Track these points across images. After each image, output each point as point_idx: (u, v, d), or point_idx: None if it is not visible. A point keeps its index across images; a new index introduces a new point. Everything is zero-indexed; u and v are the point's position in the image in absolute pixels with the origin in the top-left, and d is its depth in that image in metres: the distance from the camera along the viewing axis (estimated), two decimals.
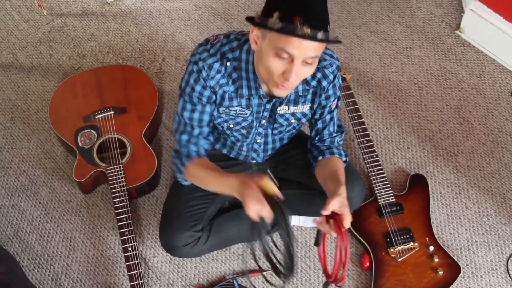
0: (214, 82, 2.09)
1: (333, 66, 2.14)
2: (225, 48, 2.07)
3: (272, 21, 1.80)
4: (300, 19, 1.77)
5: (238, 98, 2.14)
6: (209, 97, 2.14)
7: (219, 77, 2.08)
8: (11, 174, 2.90)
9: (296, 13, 1.77)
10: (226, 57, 2.07)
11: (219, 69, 2.07)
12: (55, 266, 2.67)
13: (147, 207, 2.79)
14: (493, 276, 2.59)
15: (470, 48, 3.22)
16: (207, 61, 2.06)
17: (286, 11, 1.79)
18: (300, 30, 1.77)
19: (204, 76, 2.08)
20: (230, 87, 2.11)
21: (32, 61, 3.27)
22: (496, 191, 2.79)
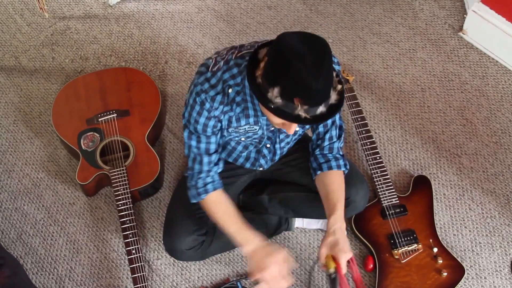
0: (218, 112, 2.07)
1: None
2: (226, 75, 2.03)
3: (271, 95, 1.79)
4: (300, 100, 1.77)
5: (245, 118, 2.13)
6: (214, 126, 2.13)
7: (222, 107, 2.07)
8: (14, 177, 2.90)
9: (297, 94, 1.77)
10: (227, 84, 2.03)
11: (222, 100, 2.05)
12: (59, 269, 2.66)
13: (150, 209, 2.78)
14: (497, 277, 2.58)
15: (473, 49, 3.22)
16: (210, 93, 2.03)
17: (286, 89, 1.78)
18: (300, 111, 1.78)
19: (207, 108, 2.06)
20: (236, 109, 2.09)
21: (35, 64, 3.27)
22: (499, 192, 2.78)
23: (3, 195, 2.85)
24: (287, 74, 1.75)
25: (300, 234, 2.69)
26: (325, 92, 1.81)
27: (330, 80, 1.81)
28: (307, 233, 2.70)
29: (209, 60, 2.09)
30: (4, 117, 3.08)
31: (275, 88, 1.78)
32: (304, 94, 1.76)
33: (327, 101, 1.82)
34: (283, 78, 1.77)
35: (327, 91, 1.81)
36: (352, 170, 2.43)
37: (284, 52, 1.76)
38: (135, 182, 2.66)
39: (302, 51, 1.74)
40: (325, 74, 1.75)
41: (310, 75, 1.73)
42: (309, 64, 1.73)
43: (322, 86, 1.76)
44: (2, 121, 3.06)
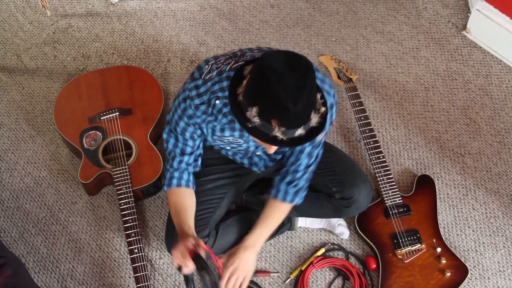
0: (200, 120, 2.09)
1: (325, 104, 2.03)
2: (215, 87, 2.02)
3: (250, 114, 1.79)
4: (278, 122, 1.75)
5: (230, 130, 2.13)
6: (193, 132, 2.15)
7: (205, 116, 2.08)
8: (16, 176, 2.89)
9: (275, 116, 1.75)
10: (216, 96, 2.03)
11: (206, 111, 2.06)
12: (61, 268, 2.66)
13: (153, 208, 2.78)
14: (501, 277, 2.57)
15: (476, 48, 3.21)
16: (195, 101, 2.05)
17: (264, 110, 1.76)
18: (277, 132, 1.76)
19: (189, 115, 2.08)
20: (222, 120, 2.08)
21: (37, 62, 3.26)
22: (503, 192, 2.77)
23: (4, 193, 2.85)
24: (266, 95, 1.74)
25: (303, 233, 2.69)
26: (304, 115, 1.78)
27: (311, 103, 1.79)
28: (310, 232, 2.69)
29: (206, 66, 2.07)
30: (6, 115, 3.07)
31: (254, 108, 1.77)
32: (282, 116, 1.74)
33: (307, 124, 1.80)
34: (261, 99, 1.76)
35: (306, 114, 1.79)
36: (355, 169, 2.43)
37: (265, 71, 1.74)
38: (137, 181, 2.65)
39: (283, 72, 1.72)
40: (305, 98, 1.73)
41: (289, 97, 1.71)
42: (288, 87, 1.71)
43: (300, 109, 1.74)
44: (4, 120, 3.06)
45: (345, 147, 2.90)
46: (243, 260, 2.21)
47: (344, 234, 2.63)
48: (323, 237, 2.67)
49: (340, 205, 2.40)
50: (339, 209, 2.42)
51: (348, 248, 2.64)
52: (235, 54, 2.09)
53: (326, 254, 2.63)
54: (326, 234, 2.68)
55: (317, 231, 2.69)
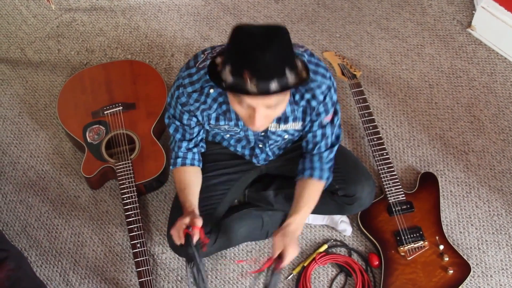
0: (193, 108, 2.11)
1: (322, 87, 2.06)
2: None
3: (225, 74, 1.80)
4: (249, 74, 1.74)
5: (226, 120, 2.14)
6: (189, 119, 2.17)
7: (198, 104, 2.09)
8: (19, 169, 2.89)
9: (245, 68, 1.74)
10: (210, 84, 2.04)
11: (198, 99, 2.08)
12: (63, 262, 2.66)
13: (155, 203, 2.78)
14: (503, 275, 2.57)
15: (481, 46, 3.20)
16: (187, 89, 2.07)
17: (235, 65, 1.77)
18: (249, 86, 1.75)
19: (182, 102, 2.11)
20: (217, 109, 2.10)
21: (40, 56, 3.26)
22: (506, 190, 2.77)
23: (7, 187, 2.85)
24: (236, 51, 1.76)
25: (305, 229, 2.68)
26: (276, 67, 1.76)
27: (283, 57, 1.78)
28: (312, 228, 2.69)
29: (202, 55, 2.09)
30: (9, 109, 3.07)
31: (227, 67, 1.79)
32: (251, 66, 1.74)
33: (282, 79, 1.78)
34: (232, 56, 1.78)
35: (278, 66, 1.77)
36: (358, 166, 2.42)
37: (238, 34, 1.77)
38: (140, 175, 2.65)
39: (253, 30, 1.76)
40: (274, 49, 1.73)
41: (257, 47, 1.72)
42: (256, 38, 1.73)
43: (270, 60, 1.73)
44: (7, 113, 3.06)
45: (348, 143, 2.89)
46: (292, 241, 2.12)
47: (346, 230, 2.63)
48: (325, 234, 2.67)
49: (343, 202, 2.39)
50: (342, 206, 2.42)
51: (350, 245, 2.64)
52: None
53: (328, 251, 2.63)
54: (328, 230, 2.68)
55: (320, 227, 2.69)
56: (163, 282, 2.59)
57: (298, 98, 2.08)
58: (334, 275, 2.59)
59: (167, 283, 2.59)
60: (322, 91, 2.06)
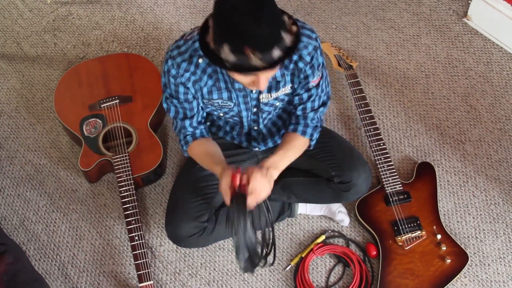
0: (184, 79, 2.10)
1: (308, 48, 2.08)
2: (197, 44, 2.04)
3: (224, 53, 1.79)
4: (250, 49, 1.75)
5: (217, 91, 2.14)
6: (185, 93, 2.16)
7: (188, 74, 2.09)
8: (16, 164, 2.89)
9: (245, 44, 1.75)
10: (198, 54, 2.04)
11: (187, 68, 2.08)
12: (62, 256, 2.66)
13: (153, 196, 2.78)
14: (501, 264, 2.58)
15: (477, 35, 3.20)
16: (176, 60, 2.08)
17: (234, 42, 1.77)
18: (255, 60, 1.76)
19: (173, 75, 2.10)
20: (208, 81, 2.11)
21: (37, 50, 3.25)
22: (503, 179, 2.77)
23: (5, 181, 2.85)
24: (230, 29, 1.75)
25: (303, 220, 2.69)
26: (273, 35, 1.78)
27: (277, 22, 1.79)
28: (310, 219, 2.69)
29: (189, 31, 2.13)
30: (6, 103, 3.07)
31: (225, 46, 1.78)
32: (251, 41, 1.74)
33: (281, 43, 1.80)
34: (227, 34, 1.77)
35: (275, 33, 1.78)
36: (353, 153, 2.43)
37: (222, 10, 1.76)
38: (137, 168, 2.65)
39: (237, 3, 1.74)
40: (266, 17, 1.74)
41: (251, 20, 1.72)
42: (245, 12, 1.72)
43: (267, 29, 1.74)
44: (4, 108, 3.06)
45: (345, 134, 2.89)
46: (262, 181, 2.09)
47: (344, 221, 2.63)
48: (323, 224, 2.67)
49: (339, 189, 2.40)
50: (339, 194, 2.42)
51: (348, 235, 2.65)
52: None
53: (326, 241, 2.63)
54: (326, 221, 2.68)
55: (317, 218, 2.69)
56: (162, 275, 2.60)
57: (287, 62, 2.09)
58: (332, 266, 2.59)
59: (165, 275, 2.60)
60: (309, 52, 2.08)
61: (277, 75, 2.12)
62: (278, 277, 2.57)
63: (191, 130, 2.28)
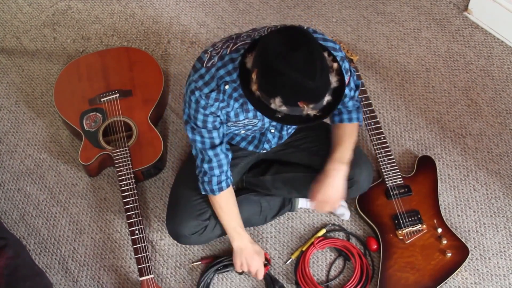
0: (214, 109, 2.06)
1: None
2: (221, 72, 2.00)
3: (275, 105, 1.77)
4: (305, 102, 1.74)
5: (244, 113, 2.12)
6: (213, 121, 2.11)
7: (218, 103, 2.04)
8: (16, 158, 2.89)
9: (300, 99, 1.74)
10: (224, 81, 2.00)
11: (217, 98, 2.03)
12: (62, 250, 2.66)
13: (153, 190, 2.78)
14: (501, 258, 2.58)
15: (478, 29, 3.19)
16: (204, 91, 2.02)
17: (288, 97, 1.75)
18: (307, 110, 1.77)
19: (203, 105, 2.05)
20: (234, 105, 2.07)
21: (36, 44, 3.25)
22: (504, 173, 2.77)
23: (5, 176, 2.84)
24: (283, 83, 1.73)
25: (303, 214, 2.69)
26: (326, 84, 1.78)
27: (327, 71, 1.78)
28: (310, 213, 2.69)
29: (205, 54, 2.06)
30: (6, 97, 3.06)
31: (276, 99, 1.76)
32: (306, 96, 1.74)
33: (330, 88, 1.80)
34: (280, 88, 1.74)
35: (327, 82, 1.78)
36: (355, 151, 2.42)
37: (271, 62, 1.72)
38: (138, 162, 2.65)
39: (288, 55, 1.71)
40: (319, 69, 1.72)
41: (306, 76, 1.70)
42: (300, 67, 1.70)
43: (320, 82, 1.73)
44: (4, 102, 3.05)
45: None
46: (330, 186, 2.25)
47: (345, 215, 2.63)
48: (324, 218, 2.67)
49: None
50: None
51: (349, 229, 2.64)
52: (231, 37, 2.08)
53: (327, 235, 2.63)
54: (326, 215, 2.68)
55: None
56: (162, 269, 2.60)
57: None
58: (332, 259, 2.59)
59: (166, 269, 2.60)
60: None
61: None
62: (278, 270, 2.57)
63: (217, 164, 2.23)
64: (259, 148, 2.43)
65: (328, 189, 2.24)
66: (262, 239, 2.64)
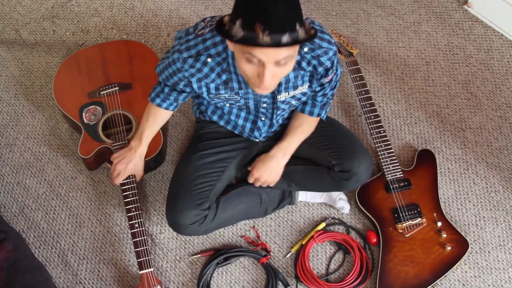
0: (188, 74, 2.11)
1: (329, 54, 2.10)
2: (207, 43, 2.04)
3: (235, 29, 1.77)
4: (261, 26, 1.72)
5: (226, 90, 2.15)
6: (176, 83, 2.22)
7: (193, 71, 2.09)
8: (15, 151, 2.89)
9: (257, 20, 1.72)
10: (208, 53, 2.04)
11: (193, 65, 2.08)
12: (61, 243, 2.66)
13: (153, 183, 2.77)
14: (501, 251, 2.58)
15: (478, 23, 3.19)
16: (183, 55, 2.08)
17: (247, 18, 1.74)
18: (262, 38, 1.73)
19: (178, 67, 2.12)
20: (217, 80, 2.11)
21: (36, 37, 3.24)
22: (504, 166, 2.77)
23: (4, 169, 2.84)
24: (246, 5, 1.74)
25: (303, 207, 2.69)
26: (287, 21, 1.75)
27: (294, 11, 1.76)
28: (310, 206, 2.69)
29: (202, 23, 2.12)
30: (5, 91, 3.06)
31: (237, 23, 1.76)
32: (263, 18, 1.71)
33: (293, 33, 1.76)
34: (243, 9, 1.75)
35: (289, 19, 1.75)
36: (354, 142, 2.43)
37: None
38: None
39: None
40: (286, 2, 1.72)
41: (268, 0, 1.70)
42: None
43: (281, 11, 1.71)
44: (3, 95, 3.04)
45: (346, 121, 2.89)
46: (269, 169, 2.40)
47: (344, 208, 2.63)
48: (323, 212, 2.67)
49: (340, 178, 2.39)
50: (339, 182, 2.42)
51: (348, 223, 2.65)
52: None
53: (326, 229, 2.63)
54: (326, 208, 2.68)
55: (318, 205, 2.69)
56: (162, 262, 2.60)
57: (305, 65, 2.11)
58: (332, 253, 2.59)
59: (166, 262, 2.60)
60: (329, 57, 2.11)
61: (291, 77, 2.13)
62: (278, 264, 2.57)
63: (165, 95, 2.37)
64: (251, 136, 2.47)
65: (266, 171, 2.41)
66: (262, 232, 2.64)
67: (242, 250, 2.58)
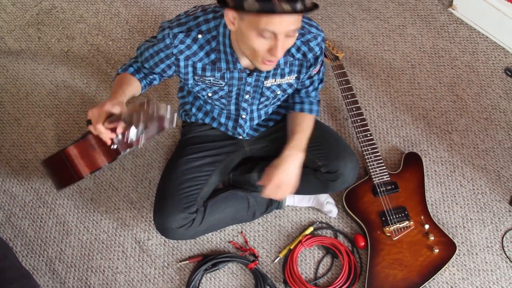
0: (176, 51, 2.08)
1: (318, 39, 2.13)
2: (199, 19, 2.05)
3: (248, 3, 1.77)
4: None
5: (212, 71, 2.14)
6: (163, 70, 2.16)
7: (182, 47, 2.07)
8: (1, 160, 2.87)
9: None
10: (199, 29, 2.04)
11: (183, 40, 2.06)
12: (49, 251, 2.65)
13: (140, 190, 2.77)
14: (488, 253, 2.59)
15: (463, 25, 3.20)
16: (173, 30, 2.05)
17: None
18: (279, 6, 1.74)
19: (167, 44, 2.07)
20: (204, 59, 2.10)
21: (21, 44, 3.23)
22: (490, 168, 2.78)
23: None
24: None
25: (291, 212, 2.69)
26: None
27: None
28: (298, 211, 2.69)
29: (193, 8, 2.13)
30: None
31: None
32: None
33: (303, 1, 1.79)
34: None
35: None
36: (339, 142, 2.44)
37: None
38: None
39: None
40: None
41: None
42: None
43: None
44: None
45: (332, 125, 2.89)
46: (286, 170, 2.22)
47: (332, 212, 2.63)
48: (311, 216, 2.67)
49: (326, 179, 2.39)
50: (326, 184, 2.42)
51: (336, 226, 2.65)
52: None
53: (314, 233, 2.63)
54: (314, 212, 2.68)
55: (305, 209, 2.69)
56: (150, 269, 2.59)
57: (295, 51, 2.13)
58: (320, 257, 2.60)
59: (154, 269, 2.59)
60: (318, 43, 2.14)
61: (281, 62, 2.14)
62: (266, 269, 2.57)
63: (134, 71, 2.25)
64: (235, 133, 2.47)
65: (284, 174, 2.21)
66: (250, 237, 2.64)
67: (230, 256, 2.58)
